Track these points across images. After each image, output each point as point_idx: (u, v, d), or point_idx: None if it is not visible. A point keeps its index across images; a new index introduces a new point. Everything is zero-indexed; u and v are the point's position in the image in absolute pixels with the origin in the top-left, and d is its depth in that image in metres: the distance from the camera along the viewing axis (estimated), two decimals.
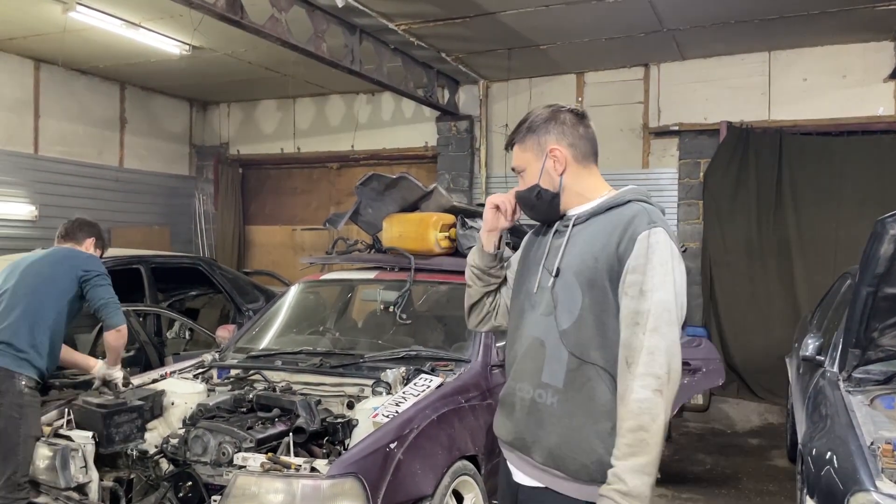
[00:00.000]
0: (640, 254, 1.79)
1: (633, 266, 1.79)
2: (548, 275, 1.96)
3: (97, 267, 3.63)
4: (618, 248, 1.83)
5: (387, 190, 4.63)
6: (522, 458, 1.96)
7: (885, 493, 2.63)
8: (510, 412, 2.01)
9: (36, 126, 8.80)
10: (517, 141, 2.07)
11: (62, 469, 3.02)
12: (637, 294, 1.78)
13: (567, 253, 1.94)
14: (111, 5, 6.71)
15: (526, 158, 2.04)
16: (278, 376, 3.69)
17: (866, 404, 3.42)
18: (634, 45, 7.62)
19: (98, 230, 3.94)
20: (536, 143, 2.02)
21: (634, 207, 1.89)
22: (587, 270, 1.86)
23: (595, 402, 1.83)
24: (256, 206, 11.39)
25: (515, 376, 2.00)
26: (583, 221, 1.95)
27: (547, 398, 1.89)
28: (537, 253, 2.07)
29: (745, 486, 5.01)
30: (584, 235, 1.93)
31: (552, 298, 1.92)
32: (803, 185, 7.59)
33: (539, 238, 2.12)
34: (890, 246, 2.97)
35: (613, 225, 1.87)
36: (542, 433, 1.89)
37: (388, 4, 6.52)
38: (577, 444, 1.84)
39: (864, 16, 6.65)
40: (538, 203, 2.02)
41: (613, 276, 1.83)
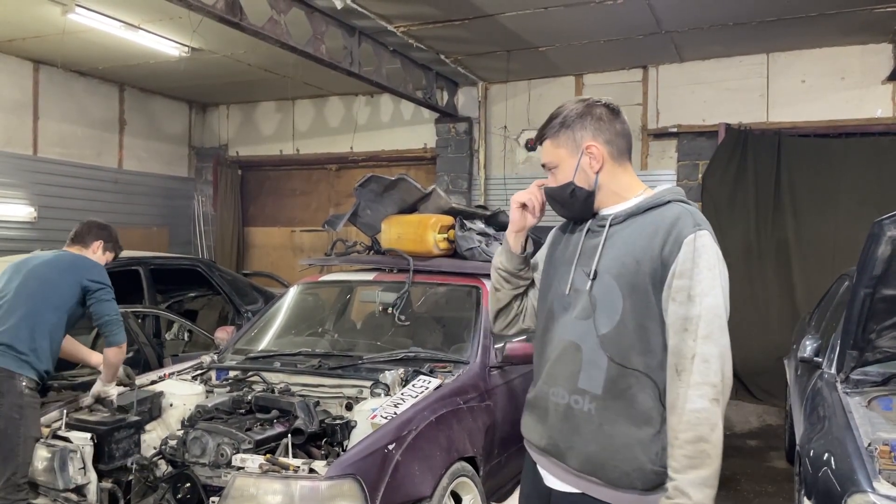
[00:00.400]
0: (687, 258, 1.74)
1: (679, 270, 1.74)
2: (584, 277, 1.89)
3: (101, 278, 3.56)
4: (662, 251, 1.77)
5: (386, 191, 4.64)
6: (556, 463, 1.92)
7: (882, 494, 2.64)
8: (542, 417, 1.96)
9: (35, 127, 8.80)
10: (549, 136, 1.97)
11: (61, 470, 3.02)
12: (685, 299, 1.73)
13: (605, 255, 1.87)
14: (110, 7, 6.72)
15: (559, 155, 1.95)
16: (277, 378, 3.70)
17: (864, 406, 3.43)
18: (633, 47, 7.63)
19: (108, 233, 3.85)
20: (571, 139, 1.93)
21: (676, 209, 1.84)
22: (628, 274, 1.81)
23: (636, 408, 1.79)
24: (255, 208, 11.39)
25: (548, 380, 1.95)
26: (620, 222, 1.89)
27: (584, 404, 1.84)
28: (566, 252, 2.01)
29: (744, 487, 5.02)
30: (623, 237, 1.87)
31: (590, 302, 1.86)
32: (801, 186, 7.60)
33: (567, 236, 2.06)
34: (887, 248, 2.97)
35: (655, 226, 1.82)
36: (579, 440, 1.85)
37: (387, 6, 6.53)
38: (617, 451, 1.80)
39: (862, 18, 6.66)
40: (571, 201, 1.96)
41: (657, 280, 1.78)
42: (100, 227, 3.85)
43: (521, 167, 9.20)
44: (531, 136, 9.06)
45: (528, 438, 2.04)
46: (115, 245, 3.88)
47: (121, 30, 7.14)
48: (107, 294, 3.54)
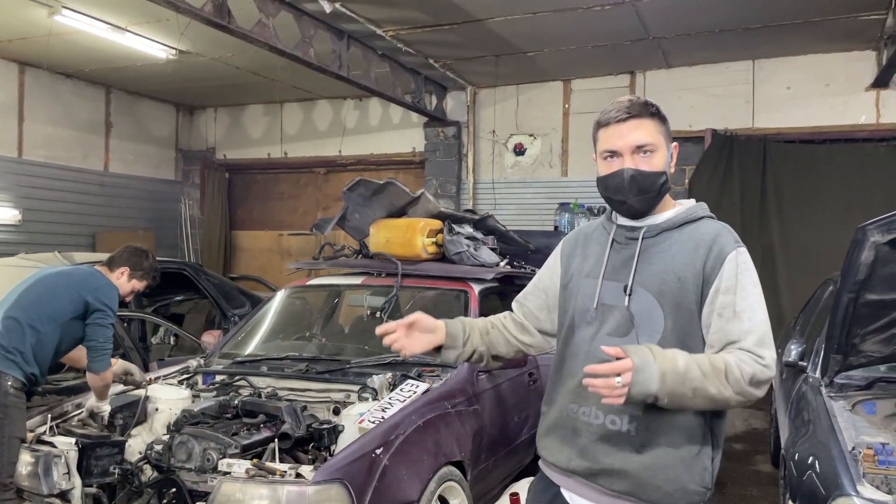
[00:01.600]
0: (731, 275, 1.74)
1: (725, 287, 1.73)
2: (617, 291, 1.84)
3: (107, 300, 3.44)
4: (704, 268, 1.76)
5: (374, 195, 4.64)
6: (588, 484, 1.85)
7: (866, 497, 2.66)
8: (569, 438, 1.88)
9: (20, 130, 8.73)
10: (650, 117, 1.83)
11: (45, 475, 2.99)
12: (731, 315, 1.72)
13: (640, 270, 1.82)
14: (97, 9, 6.68)
15: (660, 140, 1.83)
16: (264, 382, 3.68)
17: (848, 409, 3.45)
18: (620, 52, 7.67)
19: (138, 261, 3.68)
20: (668, 131, 1.87)
21: (713, 225, 1.84)
22: (671, 292, 1.77)
23: (678, 427, 1.76)
24: (243, 211, 11.34)
25: (576, 399, 1.86)
26: (653, 235, 1.85)
27: (622, 425, 1.78)
28: (586, 264, 1.95)
29: (730, 490, 5.04)
30: (659, 252, 1.82)
31: (629, 318, 1.80)
32: (787, 192, 7.66)
33: (584, 248, 1.99)
34: (871, 253, 3.00)
35: (695, 243, 1.80)
36: (618, 460, 1.79)
37: (375, 10, 6.53)
38: (659, 471, 1.76)
39: (846, 25, 6.74)
40: (651, 192, 1.82)
41: (700, 297, 1.76)
42: (133, 252, 3.71)
43: (510, 171, 9.22)
44: (520, 141, 9.10)
45: (550, 461, 1.95)
46: (144, 274, 3.71)
47: (107, 32, 7.10)
48: (104, 319, 3.40)
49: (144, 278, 3.73)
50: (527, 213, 8.95)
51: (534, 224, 8.70)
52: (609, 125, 1.85)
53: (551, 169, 8.92)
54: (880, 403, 3.52)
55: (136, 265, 3.68)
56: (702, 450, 1.78)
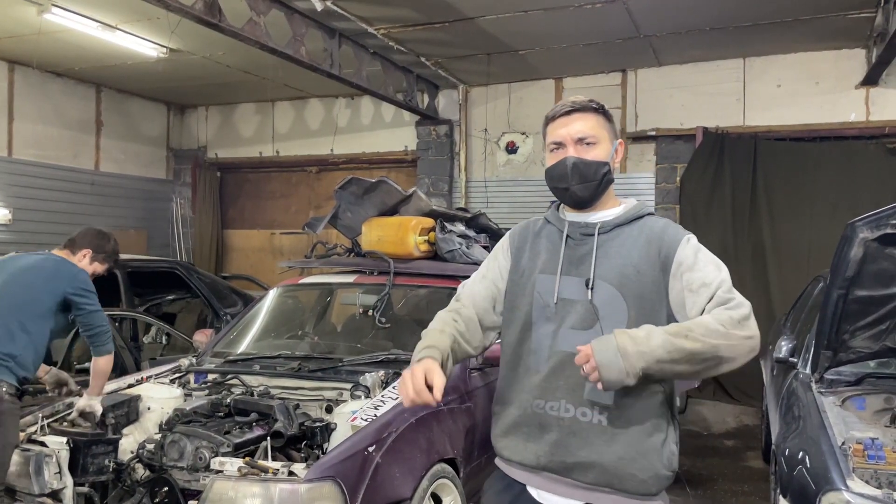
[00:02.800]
0: (688, 255, 1.83)
1: (686, 266, 1.82)
2: (578, 286, 1.86)
3: (85, 286, 3.41)
4: (659, 258, 1.85)
5: (366, 194, 4.64)
6: (559, 479, 1.86)
7: (855, 492, 2.68)
8: (534, 434, 1.88)
9: (10, 129, 8.68)
10: (593, 112, 1.93)
11: (36, 475, 2.98)
12: (701, 285, 1.79)
13: (599, 264, 1.86)
14: (87, 7, 6.65)
15: (602, 133, 1.93)
16: (256, 381, 3.68)
17: (838, 405, 3.48)
18: (612, 51, 7.69)
19: (100, 244, 3.62)
20: (612, 128, 1.97)
21: (661, 220, 1.95)
22: (632, 284, 1.83)
23: (648, 414, 1.81)
24: (235, 210, 11.32)
25: (541, 394, 1.87)
26: (606, 231, 1.90)
27: (593, 416, 1.81)
28: (538, 261, 1.96)
29: (721, 486, 5.07)
30: (615, 246, 1.88)
31: (593, 311, 1.84)
32: (777, 189, 7.70)
33: (534, 245, 2.00)
34: (860, 249, 3.03)
35: (647, 237, 1.88)
36: (590, 452, 1.81)
37: (367, 8, 6.52)
38: (633, 460, 1.79)
39: (836, 23, 6.77)
40: (594, 182, 1.90)
41: (660, 286, 1.84)
42: (95, 235, 3.65)
43: (502, 170, 9.23)
44: (512, 139, 9.11)
45: (515, 460, 1.94)
46: (106, 257, 3.65)
47: (98, 30, 7.07)
48: (92, 304, 3.40)
49: (106, 261, 3.67)
50: (519, 212, 8.96)
51: None
52: (555, 119, 1.95)
53: (543, 167, 8.87)
54: (870, 399, 3.55)
55: (98, 247, 3.62)
56: (668, 435, 1.84)
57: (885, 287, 3.16)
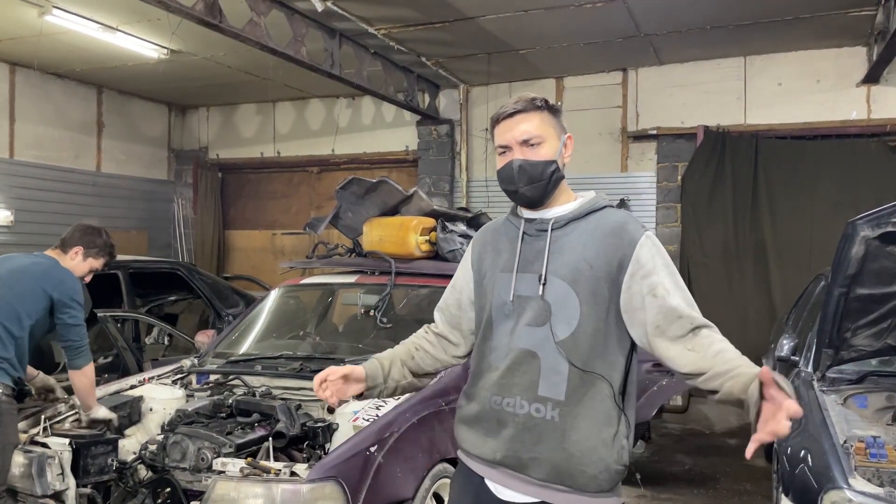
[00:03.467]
0: (649, 257, 1.82)
1: (647, 270, 1.81)
2: (532, 282, 1.88)
3: (72, 293, 3.34)
4: (616, 254, 1.83)
5: (367, 194, 4.64)
6: (515, 475, 1.88)
7: (857, 490, 2.68)
8: (493, 430, 1.91)
9: (11, 130, 8.69)
10: (536, 110, 1.91)
11: (38, 476, 2.98)
12: (665, 293, 1.79)
13: (552, 260, 1.87)
14: (88, 8, 6.65)
15: (548, 131, 1.91)
16: (258, 381, 3.68)
17: (840, 403, 3.48)
18: (612, 50, 7.69)
19: (91, 239, 3.55)
20: (559, 124, 1.94)
21: (618, 214, 1.91)
22: (584, 279, 1.83)
23: (598, 410, 1.82)
24: (236, 211, 11.32)
25: (499, 391, 1.90)
26: (561, 226, 1.90)
27: (546, 412, 1.83)
28: (499, 260, 1.98)
29: (724, 485, 5.07)
30: (570, 241, 1.88)
31: (544, 308, 1.85)
32: (778, 188, 7.70)
33: (494, 244, 2.03)
34: (861, 247, 3.03)
35: (603, 231, 1.86)
36: (543, 449, 1.83)
37: (367, 9, 6.52)
38: (583, 455, 1.81)
39: (837, 21, 6.76)
40: (543, 181, 1.89)
41: (613, 282, 1.82)
42: (84, 231, 3.58)
43: None
44: None
45: (474, 454, 1.96)
46: (100, 251, 3.57)
47: (98, 31, 7.08)
48: (73, 317, 3.31)
49: (101, 255, 3.59)
50: None
51: None
52: (500, 121, 1.95)
53: None
54: (871, 397, 3.55)
55: (89, 243, 3.54)
56: (618, 430, 1.84)
57: (886, 285, 3.16)
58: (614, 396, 1.84)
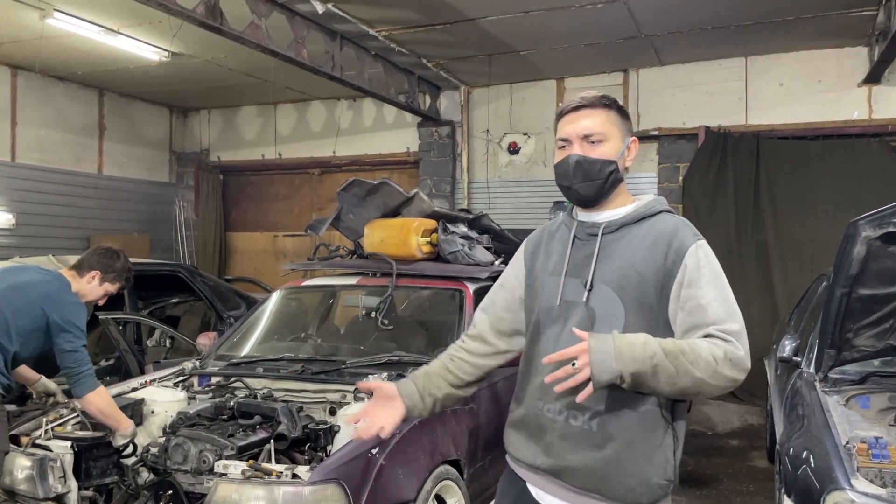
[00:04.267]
0: (693, 268, 1.75)
1: (688, 281, 1.74)
2: (578, 288, 1.84)
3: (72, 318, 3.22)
4: (665, 263, 1.77)
5: (368, 195, 4.64)
6: (554, 481, 1.86)
7: (860, 491, 2.67)
8: (535, 435, 1.88)
9: (13, 133, 8.70)
10: (603, 107, 1.87)
11: (40, 479, 2.98)
12: (695, 308, 1.72)
13: (600, 265, 1.83)
14: (89, 11, 6.67)
15: (612, 131, 1.86)
16: (260, 383, 3.68)
17: (842, 404, 3.47)
18: (613, 51, 7.69)
19: (107, 262, 3.46)
20: (625, 125, 1.90)
21: (672, 220, 1.86)
22: (631, 287, 1.78)
23: (640, 421, 1.77)
24: (238, 213, 11.33)
25: (542, 396, 1.87)
26: (612, 231, 1.86)
27: (583, 422, 1.79)
28: (549, 263, 1.95)
29: (726, 486, 5.06)
30: (619, 247, 1.83)
31: (588, 314, 1.81)
32: (780, 188, 7.70)
33: (546, 247, 2.00)
34: (862, 248, 3.02)
35: (654, 238, 1.81)
36: (580, 457, 1.79)
37: (368, 10, 6.53)
38: (621, 466, 1.76)
39: (838, 22, 6.76)
40: (599, 180, 1.85)
41: (660, 292, 1.77)
42: (103, 254, 3.48)
43: (504, 170, 9.23)
44: (514, 140, 9.10)
45: (517, 457, 1.96)
46: (117, 276, 3.48)
47: (100, 34, 7.09)
48: (70, 342, 3.17)
49: (117, 280, 3.50)
50: (521, 212, 8.97)
51: (528, 223, 8.71)
52: (564, 114, 1.90)
53: (545, 168, 8.93)
54: (874, 398, 3.54)
55: (107, 267, 3.45)
56: (663, 443, 1.79)
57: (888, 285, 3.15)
58: (660, 408, 1.78)
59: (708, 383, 1.66)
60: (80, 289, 3.43)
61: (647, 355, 1.62)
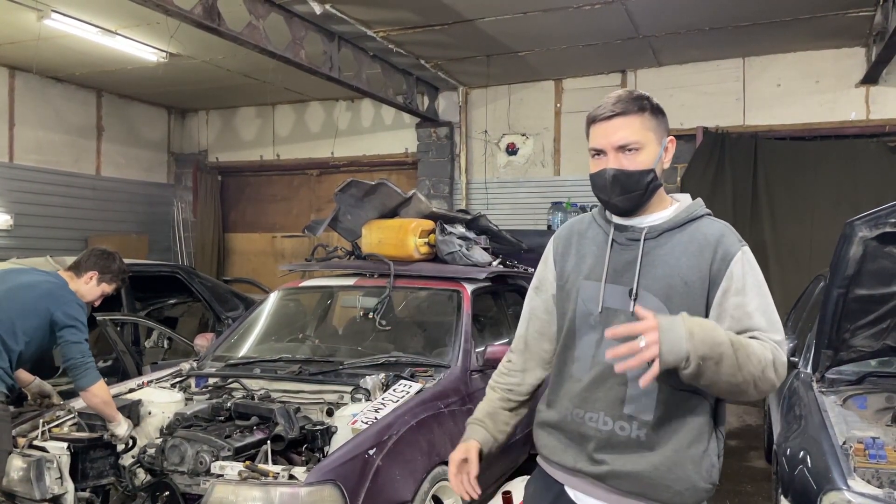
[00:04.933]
0: (739, 276, 1.72)
1: (735, 288, 1.72)
2: (622, 295, 1.78)
3: (74, 313, 3.30)
4: (710, 270, 1.74)
5: (366, 196, 4.64)
6: (598, 485, 1.82)
7: (856, 491, 2.67)
8: (576, 440, 1.84)
9: (11, 134, 8.69)
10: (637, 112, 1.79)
11: (37, 480, 2.98)
12: (743, 315, 1.70)
13: (644, 273, 1.77)
14: (87, 12, 6.66)
15: (648, 136, 1.78)
16: (257, 384, 3.68)
17: (839, 404, 3.48)
18: (611, 51, 7.69)
19: (106, 264, 3.54)
20: (661, 125, 1.82)
21: (716, 225, 1.82)
22: (678, 296, 1.73)
23: (689, 427, 1.75)
24: (236, 214, 11.33)
25: (581, 404, 1.82)
26: (654, 236, 1.80)
27: (632, 431, 1.76)
28: (583, 266, 1.88)
29: (724, 486, 5.05)
30: (662, 254, 1.78)
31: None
32: (778, 188, 7.70)
33: (579, 248, 1.92)
34: (859, 248, 3.02)
35: (699, 244, 1.77)
36: (627, 463, 1.76)
37: (366, 11, 6.53)
38: (669, 471, 1.74)
39: (835, 22, 6.76)
40: (639, 190, 1.77)
41: (706, 298, 1.74)
42: (100, 255, 3.56)
43: (503, 171, 9.23)
44: (512, 140, 9.10)
45: (553, 459, 1.91)
46: (113, 277, 3.57)
47: (97, 35, 7.08)
48: (74, 335, 3.26)
49: (114, 281, 3.59)
50: (519, 213, 8.97)
51: (527, 223, 8.71)
52: (597, 122, 1.83)
53: (544, 168, 8.93)
54: (871, 398, 3.55)
55: (104, 268, 3.53)
56: (709, 447, 1.78)
57: (885, 285, 3.16)
58: (709, 412, 1.78)
59: (756, 383, 1.62)
60: (77, 289, 3.48)
61: (716, 340, 1.55)
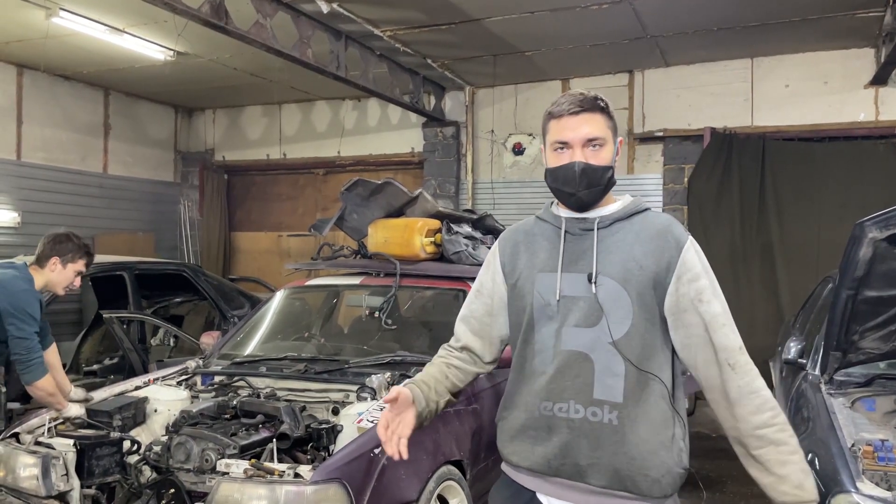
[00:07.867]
0: (694, 262, 1.83)
1: (694, 274, 1.81)
2: (581, 282, 1.83)
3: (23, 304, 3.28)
4: (664, 256, 1.82)
5: (372, 195, 4.64)
6: (572, 484, 1.82)
7: (865, 494, 2.66)
8: (543, 437, 1.84)
9: (18, 132, 8.72)
10: (603, 110, 1.87)
11: (43, 477, 2.98)
12: (711, 298, 1.80)
13: (601, 259, 1.83)
14: (95, 10, 6.68)
15: (608, 135, 1.88)
16: (263, 383, 3.68)
17: (847, 406, 3.45)
18: (618, 51, 7.67)
19: (63, 246, 3.52)
20: (615, 127, 1.91)
21: (662, 216, 1.93)
22: (634, 279, 1.80)
23: (655, 411, 1.79)
24: (242, 213, 11.34)
25: (549, 396, 1.83)
26: (606, 226, 1.87)
27: (603, 416, 1.78)
28: (536, 259, 1.92)
29: (730, 489, 5.03)
30: (616, 241, 1.85)
31: (596, 307, 1.80)
32: (786, 190, 7.67)
33: (530, 244, 1.97)
34: (868, 249, 3.00)
35: (649, 233, 1.85)
36: (602, 454, 1.78)
37: (373, 10, 6.53)
38: (645, 459, 1.76)
39: (844, 23, 6.73)
40: (601, 186, 1.87)
41: (658, 285, 1.81)
42: (54, 240, 3.53)
43: (509, 171, 9.22)
44: (518, 140, 9.09)
45: (524, 466, 1.89)
46: (74, 254, 3.55)
47: (105, 34, 7.10)
48: (20, 329, 3.25)
49: (78, 258, 3.56)
50: (526, 213, 8.73)
51: None
52: (562, 117, 1.87)
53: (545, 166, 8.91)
54: (880, 400, 3.52)
55: (62, 251, 3.52)
56: (675, 432, 1.82)
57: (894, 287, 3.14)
58: (669, 397, 1.82)
59: None
60: (48, 280, 3.50)
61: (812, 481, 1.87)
